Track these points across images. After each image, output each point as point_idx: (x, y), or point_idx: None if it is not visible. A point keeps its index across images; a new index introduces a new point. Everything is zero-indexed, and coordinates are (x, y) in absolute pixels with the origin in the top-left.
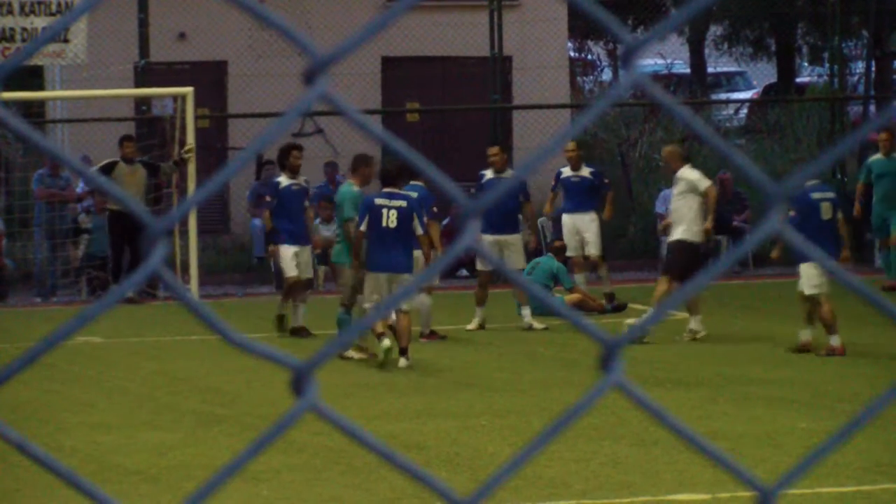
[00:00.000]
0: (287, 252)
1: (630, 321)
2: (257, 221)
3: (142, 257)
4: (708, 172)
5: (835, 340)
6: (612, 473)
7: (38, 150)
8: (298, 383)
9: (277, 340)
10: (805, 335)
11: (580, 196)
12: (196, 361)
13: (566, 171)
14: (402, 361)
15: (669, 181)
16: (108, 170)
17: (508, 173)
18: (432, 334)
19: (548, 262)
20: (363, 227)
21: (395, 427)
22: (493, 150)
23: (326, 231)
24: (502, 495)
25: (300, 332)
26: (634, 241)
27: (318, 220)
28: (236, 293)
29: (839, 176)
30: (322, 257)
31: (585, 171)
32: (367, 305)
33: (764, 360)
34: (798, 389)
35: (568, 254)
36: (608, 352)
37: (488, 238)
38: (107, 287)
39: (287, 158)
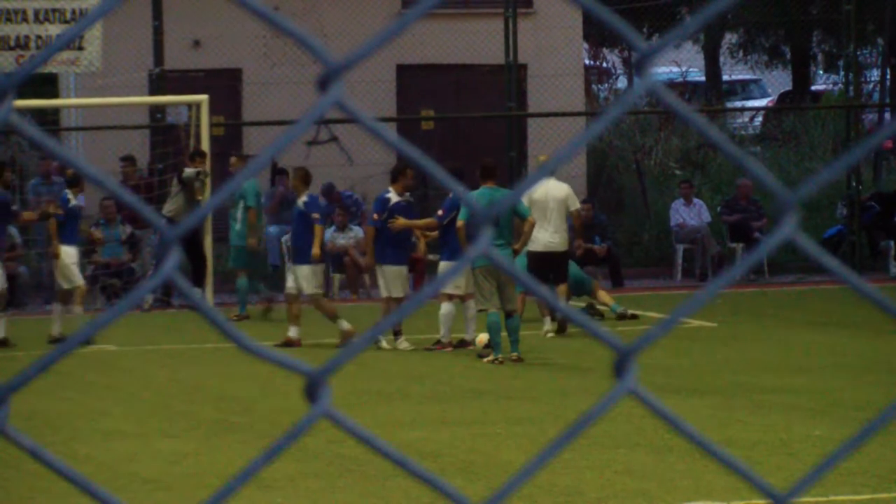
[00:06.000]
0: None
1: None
2: (272, 229)
3: (199, 262)
4: (724, 180)
5: (344, 325)
6: (628, 481)
7: (52, 158)
8: (312, 390)
9: (298, 352)
10: (293, 332)
11: None
12: (210, 369)
13: None
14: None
15: (674, 192)
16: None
17: (408, 196)
18: (439, 343)
19: None
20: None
21: (409, 435)
22: (412, 170)
23: (342, 239)
24: (516, 503)
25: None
26: (649, 249)
27: (333, 228)
28: (251, 301)
29: (854, 183)
30: (337, 265)
31: None
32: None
33: (779, 367)
34: (813, 397)
35: None
36: (622, 359)
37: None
38: (120, 295)
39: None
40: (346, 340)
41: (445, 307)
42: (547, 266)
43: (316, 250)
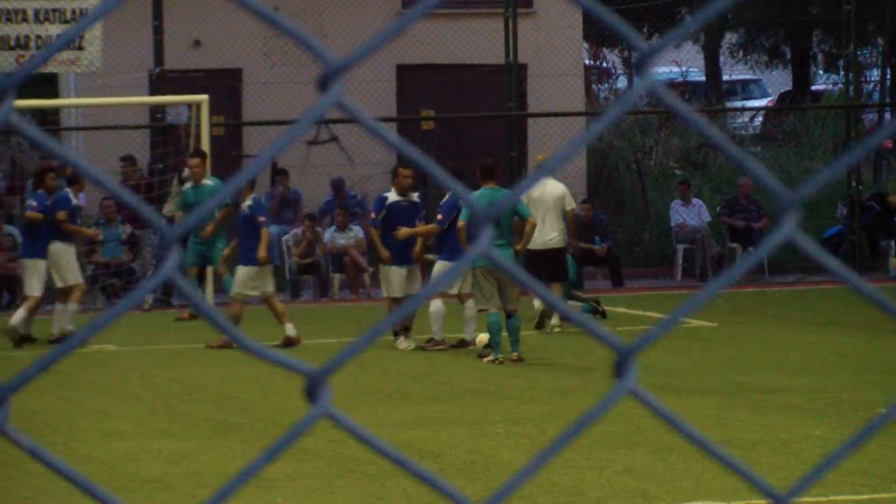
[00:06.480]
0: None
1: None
2: (273, 229)
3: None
4: (724, 180)
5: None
6: (628, 481)
7: (52, 158)
8: (312, 390)
9: (300, 352)
10: (290, 330)
11: None
12: (210, 369)
13: None
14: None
15: (674, 192)
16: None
17: (414, 196)
18: (431, 342)
19: None
20: None
21: (410, 434)
22: (407, 171)
23: (342, 239)
24: (517, 503)
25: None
26: (649, 249)
27: (333, 228)
28: (251, 301)
29: (854, 183)
30: (337, 265)
31: None
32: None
33: (779, 367)
34: (813, 397)
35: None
36: (622, 358)
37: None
38: (120, 295)
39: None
40: (224, 345)
41: (435, 305)
42: (543, 264)
43: (262, 253)
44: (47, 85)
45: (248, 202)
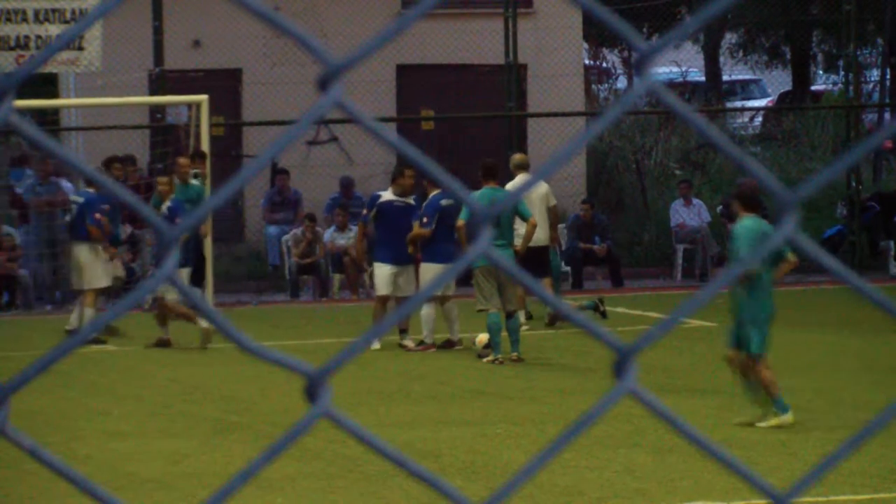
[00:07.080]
0: None
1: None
2: (272, 229)
3: (199, 262)
4: (724, 180)
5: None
6: (628, 481)
7: (52, 158)
8: (312, 390)
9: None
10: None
11: None
12: (210, 369)
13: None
14: None
15: (674, 192)
16: None
17: (410, 198)
18: (422, 344)
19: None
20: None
21: (410, 435)
22: (412, 172)
23: (342, 239)
24: (517, 503)
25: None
26: (649, 249)
27: (333, 228)
28: (251, 301)
29: (854, 184)
30: (336, 265)
31: None
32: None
33: (779, 367)
34: (813, 397)
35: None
36: (622, 359)
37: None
38: (120, 295)
39: None
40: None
41: (425, 309)
42: (529, 261)
43: None
44: (47, 85)
45: (167, 203)
